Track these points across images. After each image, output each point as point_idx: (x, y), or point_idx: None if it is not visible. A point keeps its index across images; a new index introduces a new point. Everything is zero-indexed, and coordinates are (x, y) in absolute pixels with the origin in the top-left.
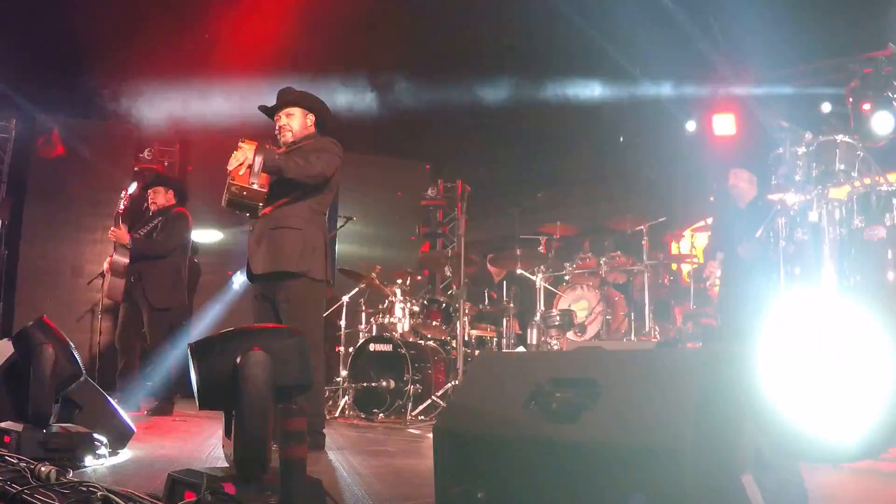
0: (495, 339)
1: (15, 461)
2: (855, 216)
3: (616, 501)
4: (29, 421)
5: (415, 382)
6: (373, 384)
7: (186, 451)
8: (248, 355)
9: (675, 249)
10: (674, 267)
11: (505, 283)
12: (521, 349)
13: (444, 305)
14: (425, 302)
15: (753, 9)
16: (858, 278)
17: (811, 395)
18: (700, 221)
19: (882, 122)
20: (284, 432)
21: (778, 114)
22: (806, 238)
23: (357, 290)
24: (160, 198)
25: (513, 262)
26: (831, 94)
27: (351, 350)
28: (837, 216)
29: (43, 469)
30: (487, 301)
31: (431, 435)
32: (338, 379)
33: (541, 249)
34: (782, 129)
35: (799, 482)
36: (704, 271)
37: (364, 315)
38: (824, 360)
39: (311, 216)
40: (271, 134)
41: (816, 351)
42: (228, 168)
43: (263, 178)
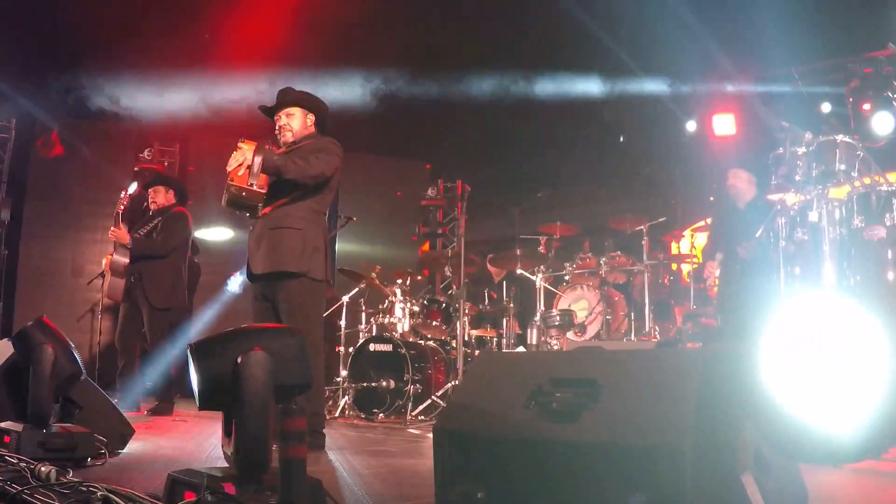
0: (495, 339)
1: (15, 461)
2: (855, 216)
3: (616, 501)
4: (29, 421)
5: (415, 382)
6: (373, 384)
7: (186, 451)
8: (249, 355)
9: (675, 249)
10: (674, 267)
11: (505, 283)
12: (521, 349)
13: (444, 305)
14: (425, 302)
15: (754, 9)
16: (858, 278)
17: (811, 395)
18: (700, 221)
19: (882, 123)
20: (284, 432)
21: (778, 114)
22: (806, 238)
23: (357, 290)
24: (160, 197)
25: (513, 262)
26: (831, 94)
27: (351, 350)
28: (837, 216)
29: (43, 469)
30: (487, 301)
31: (431, 435)
32: (338, 379)
33: (541, 249)
34: (782, 129)
35: (799, 482)
36: (704, 271)
37: (364, 315)
38: (825, 360)
39: (312, 216)
40: (271, 131)
41: (817, 351)
42: (227, 169)
43: (262, 179)
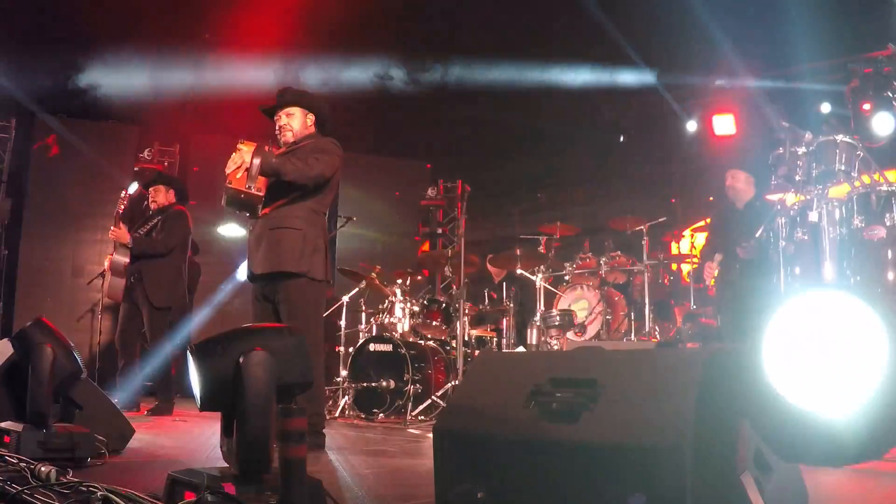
0: (495, 339)
1: (15, 461)
2: (855, 216)
3: (616, 501)
4: (28, 421)
5: (415, 382)
6: (373, 384)
7: (186, 451)
8: (250, 355)
9: (675, 249)
10: (674, 267)
11: (505, 283)
12: (521, 349)
13: (444, 305)
14: (425, 302)
15: (754, 9)
16: (858, 278)
17: (812, 395)
18: (700, 221)
19: (882, 123)
20: (284, 432)
21: (778, 114)
22: (806, 238)
23: (357, 290)
24: (161, 197)
25: (513, 262)
26: (831, 94)
27: (351, 350)
28: (837, 216)
29: (43, 469)
30: (487, 301)
31: (431, 435)
32: (338, 379)
33: (541, 249)
34: (782, 129)
35: (799, 482)
36: (703, 272)
37: (364, 315)
38: (825, 360)
39: (312, 216)
40: (270, 129)
41: (817, 350)
42: (226, 171)
43: (261, 182)
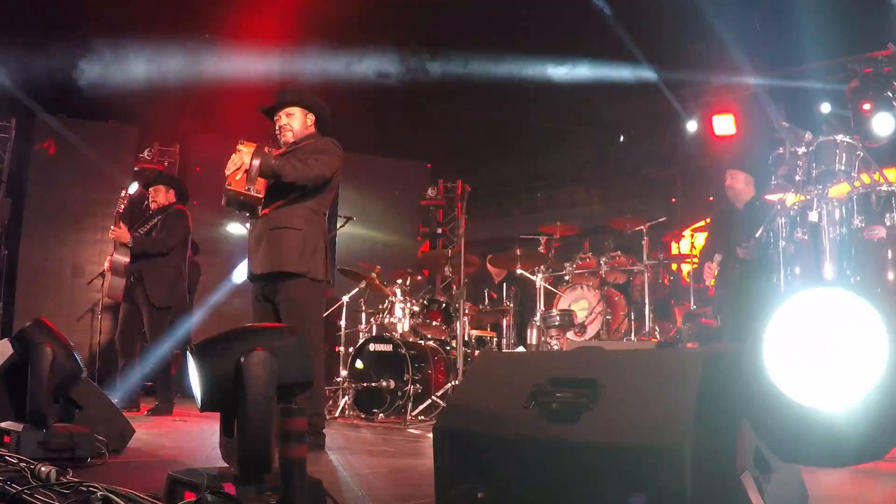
0: (495, 339)
1: (15, 461)
2: (855, 216)
3: (616, 501)
4: (28, 421)
5: (415, 382)
6: (373, 384)
7: (186, 451)
8: (251, 356)
9: (675, 249)
10: (674, 267)
11: (505, 283)
12: (521, 349)
13: (444, 305)
14: (425, 302)
15: (754, 9)
16: (858, 278)
17: (812, 395)
18: (700, 221)
19: (882, 123)
20: (284, 432)
21: (778, 114)
22: (806, 238)
23: (357, 290)
24: (161, 196)
25: (513, 262)
26: (831, 94)
27: (351, 350)
28: (837, 216)
29: (43, 469)
30: (487, 301)
31: (431, 435)
32: (338, 379)
33: (541, 249)
34: (782, 129)
35: (799, 482)
36: (703, 272)
37: (364, 315)
38: (826, 360)
39: (312, 216)
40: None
41: (818, 349)
42: (226, 172)
43: (260, 184)
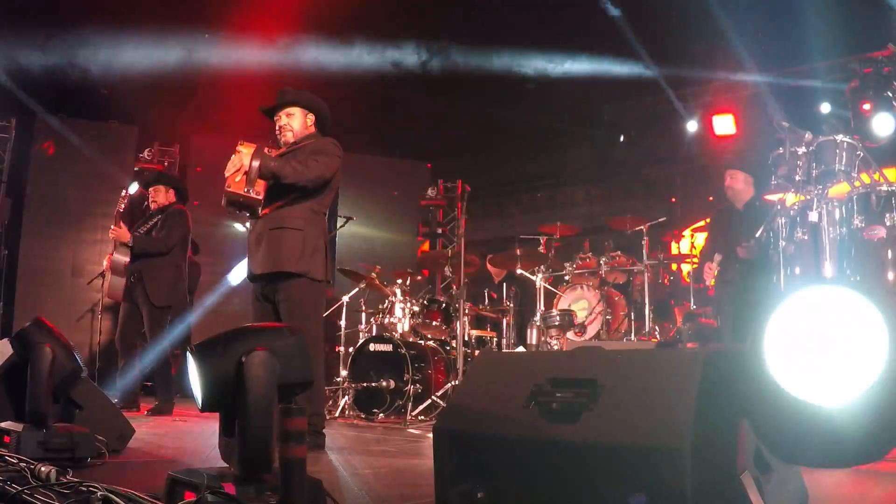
0: (495, 339)
1: (15, 461)
2: (855, 216)
3: (616, 501)
4: (28, 421)
5: (415, 382)
6: (373, 384)
7: (186, 451)
8: (252, 355)
9: (675, 249)
10: (674, 267)
11: (505, 283)
12: (521, 349)
13: (444, 305)
14: (425, 302)
15: (755, 9)
16: (858, 278)
17: (813, 390)
18: (700, 221)
19: (882, 124)
20: (284, 432)
21: (778, 114)
22: (806, 238)
23: (357, 290)
24: (161, 196)
25: (513, 262)
26: (831, 94)
27: (351, 350)
28: (837, 216)
29: (43, 469)
30: (487, 301)
31: (431, 435)
32: (338, 379)
33: (541, 249)
34: (782, 129)
35: (799, 482)
36: (703, 272)
37: (364, 315)
38: (826, 356)
39: (312, 216)
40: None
41: (818, 346)
42: (225, 174)
43: (260, 185)
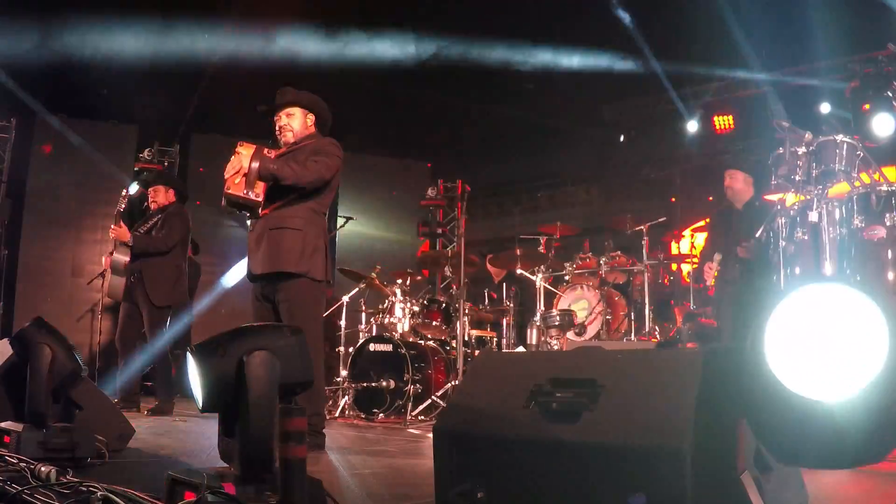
0: (495, 339)
1: (15, 461)
2: (855, 216)
3: (616, 501)
4: (28, 421)
5: (415, 382)
6: (373, 384)
7: (186, 451)
8: (253, 355)
9: (675, 249)
10: (674, 267)
11: (505, 283)
12: (521, 349)
13: (444, 305)
14: (425, 302)
15: (754, 9)
16: (858, 278)
17: (814, 388)
18: (700, 221)
19: (882, 124)
20: (285, 432)
21: (778, 114)
22: (806, 238)
23: (357, 290)
24: (160, 196)
25: (513, 262)
26: (831, 94)
27: (351, 350)
28: (837, 216)
29: (43, 469)
30: (487, 301)
31: (431, 435)
32: (338, 379)
33: (541, 249)
34: (782, 129)
35: (799, 482)
36: (703, 272)
37: (364, 315)
38: (827, 354)
39: (312, 216)
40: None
41: (819, 344)
42: (225, 175)
43: (259, 187)
